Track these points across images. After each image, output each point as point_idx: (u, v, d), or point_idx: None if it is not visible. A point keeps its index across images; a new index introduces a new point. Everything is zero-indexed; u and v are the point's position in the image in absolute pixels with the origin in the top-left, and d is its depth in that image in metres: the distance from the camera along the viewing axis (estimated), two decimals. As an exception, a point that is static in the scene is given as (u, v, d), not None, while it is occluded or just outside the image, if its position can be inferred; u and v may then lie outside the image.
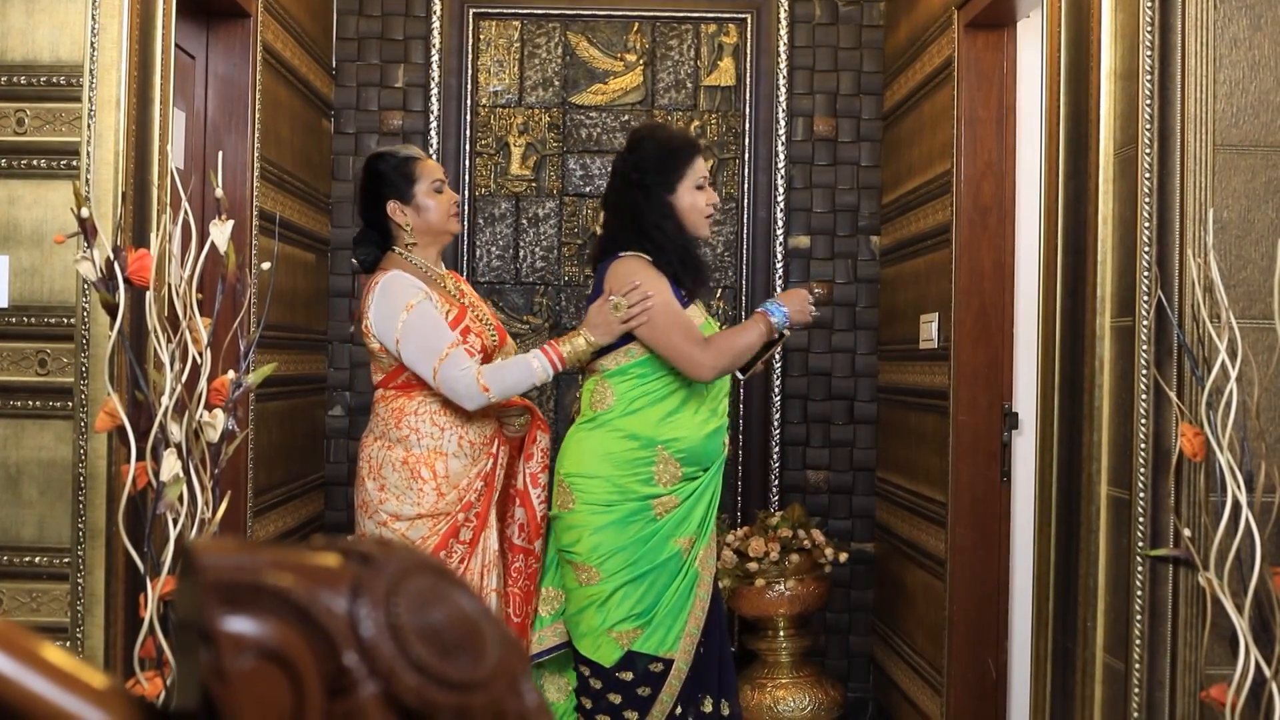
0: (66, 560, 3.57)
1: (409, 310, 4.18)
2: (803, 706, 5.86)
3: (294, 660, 0.84)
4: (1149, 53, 3.42)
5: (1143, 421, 3.42)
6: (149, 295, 3.25)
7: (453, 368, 4.13)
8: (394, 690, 0.85)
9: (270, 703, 0.83)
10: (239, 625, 0.84)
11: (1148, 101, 3.41)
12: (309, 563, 0.89)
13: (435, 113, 6.46)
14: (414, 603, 0.88)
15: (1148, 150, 3.41)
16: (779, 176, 6.49)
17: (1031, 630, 4.02)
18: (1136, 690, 3.43)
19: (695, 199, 4.34)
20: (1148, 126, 3.41)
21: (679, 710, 4.24)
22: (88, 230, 3.12)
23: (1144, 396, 3.41)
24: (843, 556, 5.95)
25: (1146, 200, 3.40)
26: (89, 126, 3.57)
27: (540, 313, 6.47)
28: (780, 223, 6.48)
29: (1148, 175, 3.40)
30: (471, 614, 0.90)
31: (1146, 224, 3.40)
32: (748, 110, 6.52)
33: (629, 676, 4.24)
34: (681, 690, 4.24)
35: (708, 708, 4.29)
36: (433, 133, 6.43)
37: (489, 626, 0.91)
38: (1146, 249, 3.40)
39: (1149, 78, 3.41)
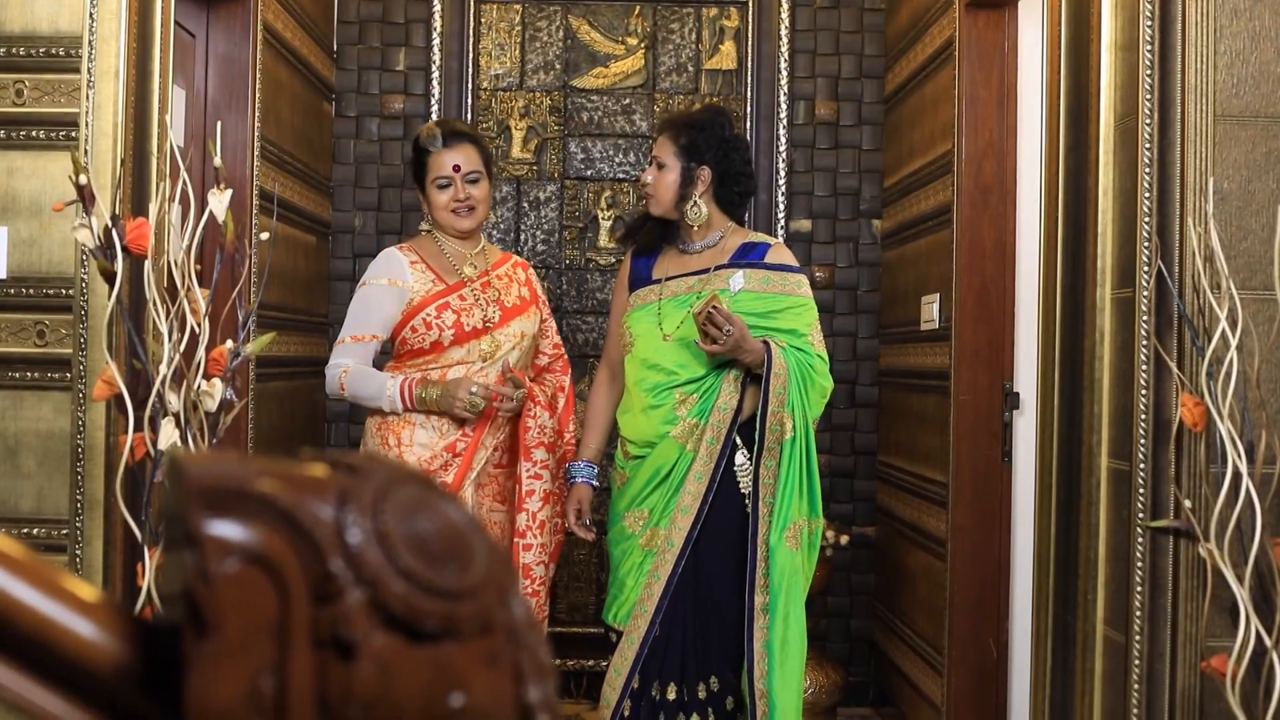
0: (65, 531, 3.57)
1: (360, 287, 4.47)
2: (804, 688, 5.84)
3: (279, 565, 0.83)
4: (1149, 23, 3.41)
5: (1143, 392, 3.41)
6: (147, 265, 3.24)
7: (339, 354, 4.41)
8: (380, 597, 0.84)
9: (255, 607, 0.83)
10: (224, 529, 0.83)
11: (1148, 72, 3.41)
12: (295, 471, 0.88)
13: (436, 96, 6.45)
14: (401, 511, 0.87)
15: (1148, 121, 3.40)
16: (780, 160, 6.48)
17: (1032, 605, 4.01)
18: (1137, 662, 3.42)
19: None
20: (1148, 97, 3.40)
21: (637, 684, 4.25)
22: (85, 197, 3.11)
23: (1144, 367, 3.41)
24: (844, 539, 5.94)
25: (1147, 171, 3.39)
26: (88, 97, 3.56)
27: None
28: (782, 206, 6.47)
29: (1148, 146, 3.39)
30: (459, 524, 0.89)
31: (1147, 194, 3.40)
32: (749, 94, 6.51)
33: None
34: (636, 668, 4.24)
35: (670, 694, 4.26)
36: (434, 116, 6.41)
37: (477, 537, 0.90)
38: (1147, 219, 3.40)
39: (1149, 48, 3.41)
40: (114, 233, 3.13)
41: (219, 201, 3.21)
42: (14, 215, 3.62)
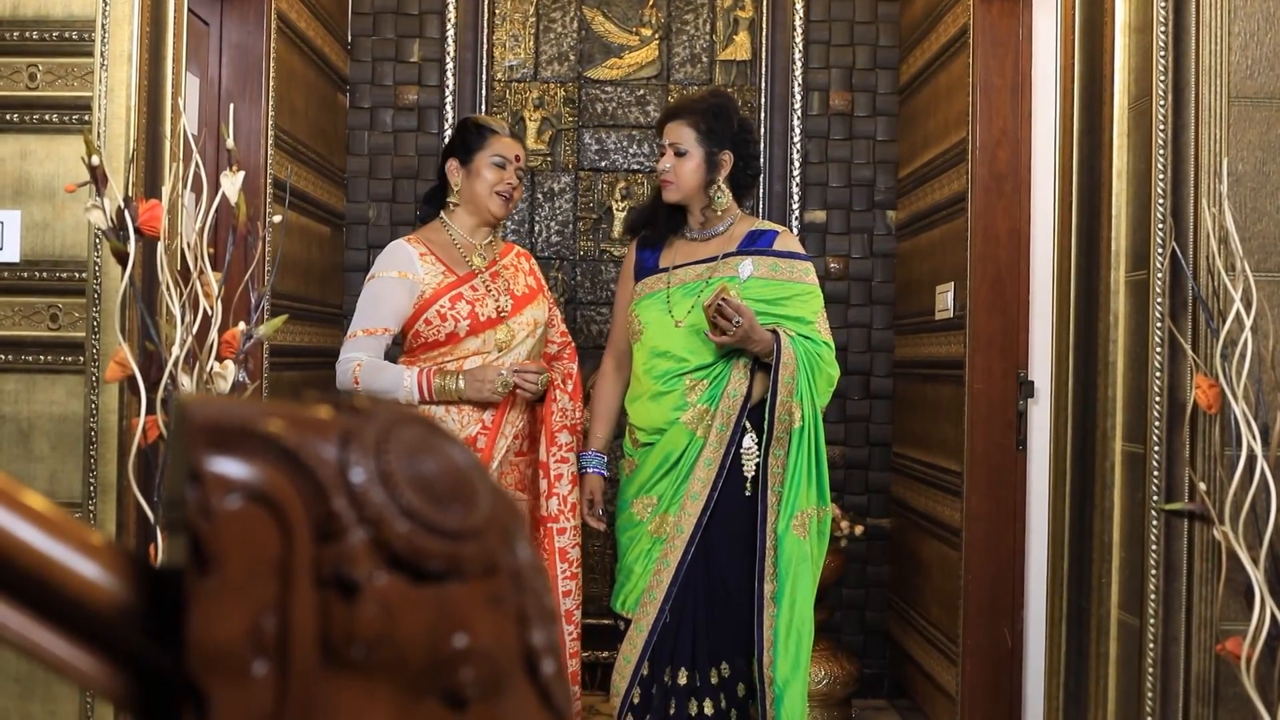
0: (78, 514, 3.57)
1: (369, 280, 4.43)
2: (818, 680, 5.84)
3: (282, 503, 0.83)
4: (1163, 4, 3.40)
5: (1157, 375, 3.40)
6: (160, 247, 3.24)
7: (351, 348, 4.35)
8: (383, 537, 0.84)
9: (257, 544, 0.82)
10: (226, 466, 0.83)
11: (1162, 54, 3.39)
12: (299, 412, 0.88)
13: (451, 87, 6.45)
14: (404, 451, 0.87)
15: (1162, 103, 3.39)
16: (795, 151, 6.47)
17: (1046, 590, 4.00)
18: (1151, 646, 3.41)
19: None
20: (1162, 79, 3.39)
21: (646, 671, 4.25)
22: (98, 178, 3.12)
23: (1158, 350, 3.39)
24: (858, 529, 5.93)
25: (1161, 152, 3.38)
26: (101, 81, 3.56)
27: (555, 287, 6.46)
28: (796, 197, 6.46)
29: (1162, 128, 3.38)
30: (463, 465, 0.89)
31: (1161, 176, 3.39)
32: (763, 85, 6.51)
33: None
34: (646, 654, 4.24)
35: (682, 679, 4.26)
36: (448, 108, 6.42)
37: (481, 479, 0.89)
38: (1161, 201, 3.39)
39: (1163, 29, 3.40)
40: (126, 214, 3.13)
41: (231, 183, 3.21)
42: (27, 199, 3.62)
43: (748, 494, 4.24)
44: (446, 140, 4.67)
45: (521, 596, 0.89)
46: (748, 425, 4.26)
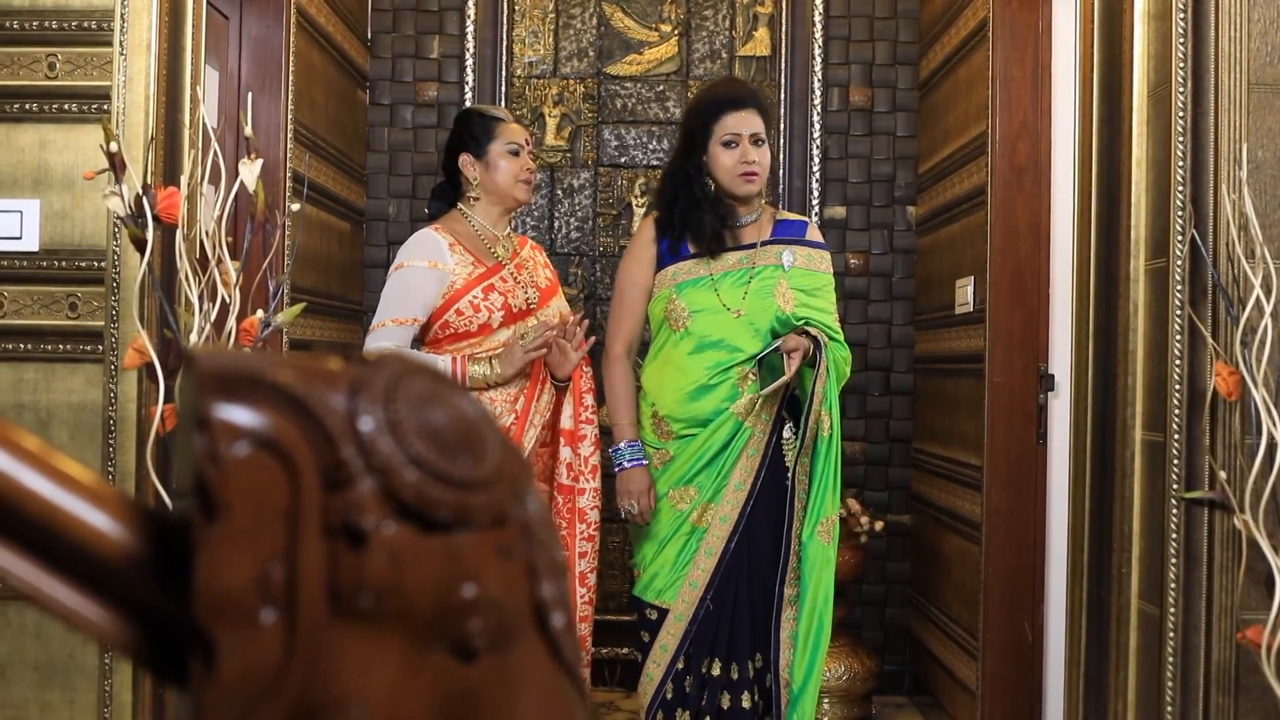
0: (97, 503, 3.58)
1: (397, 269, 4.34)
2: (838, 676, 5.83)
3: (290, 451, 0.82)
4: (1183, -9, 3.40)
5: (1177, 363, 3.39)
6: (179, 235, 3.25)
7: (379, 337, 4.27)
8: (392, 486, 0.83)
9: (265, 492, 0.82)
10: (234, 414, 0.82)
11: (1181, 41, 3.39)
12: (308, 362, 0.87)
13: (470, 84, 6.46)
14: (413, 401, 0.87)
15: (1181, 90, 3.38)
16: (814, 146, 6.47)
17: (1067, 581, 3.99)
18: (1172, 635, 3.39)
19: (722, 156, 4.35)
20: (1181, 66, 3.38)
21: (681, 665, 4.23)
22: (116, 165, 3.12)
23: (1178, 337, 3.38)
24: (878, 525, 5.92)
25: (1180, 139, 3.37)
26: (120, 70, 3.57)
27: (575, 283, 6.46)
28: (816, 193, 6.46)
29: (1181, 115, 3.37)
30: (472, 416, 0.89)
31: (1180, 163, 3.38)
32: (783, 80, 6.50)
33: (635, 618, 4.38)
34: (685, 644, 4.22)
35: (715, 670, 4.24)
36: (468, 104, 6.42)
37: (489, 430, 0.89)
38: (1180, 189, 3.37)
39: (1182, 17, 3.39)
40: (145, 201, 3.13)
41: (250, 171, 3.21)
42: (46, 188, 3.63)
43: (787, 481, 4.23)
44: (448, 138, 4.55)
45: (531, 548, 0.89)
46: (785, 415, 4.24)
